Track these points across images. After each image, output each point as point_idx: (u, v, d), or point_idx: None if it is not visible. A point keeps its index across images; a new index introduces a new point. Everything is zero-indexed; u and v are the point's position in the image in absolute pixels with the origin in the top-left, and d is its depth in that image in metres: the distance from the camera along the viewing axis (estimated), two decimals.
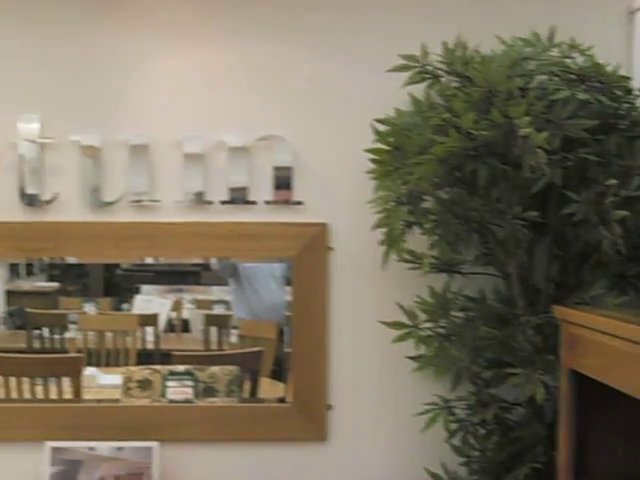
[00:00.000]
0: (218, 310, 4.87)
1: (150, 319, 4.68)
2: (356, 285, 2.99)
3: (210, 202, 2.94)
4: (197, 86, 2.97)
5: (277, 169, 2.95)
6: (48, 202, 2.93)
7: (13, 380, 3.62)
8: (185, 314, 5.15)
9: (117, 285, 5.41)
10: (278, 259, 3.06)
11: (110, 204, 2.94)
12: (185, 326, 5.12)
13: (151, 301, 5.07)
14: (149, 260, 3.13)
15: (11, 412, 3.04)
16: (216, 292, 5.23)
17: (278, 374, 4.23)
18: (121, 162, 2.94)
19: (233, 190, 2.94)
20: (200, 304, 5.15)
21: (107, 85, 2.96)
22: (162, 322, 4.88)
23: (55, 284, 5.44)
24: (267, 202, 2.95)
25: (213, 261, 3.19)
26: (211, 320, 4.72)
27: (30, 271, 5.45)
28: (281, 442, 3.01)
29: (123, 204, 2.94)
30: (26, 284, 5.42)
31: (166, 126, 2.95)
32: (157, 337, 4.64)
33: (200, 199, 2.93)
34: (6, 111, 2.91)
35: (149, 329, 4.62)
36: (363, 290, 2.98)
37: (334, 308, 2.99)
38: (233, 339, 4.54)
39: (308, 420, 2.98)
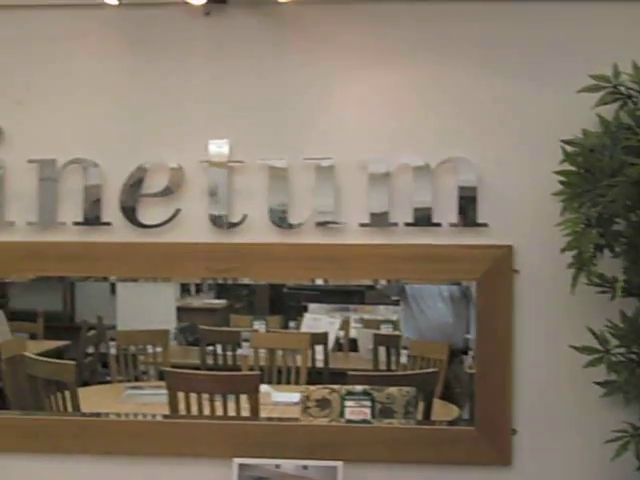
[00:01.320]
0: (385, 330, 4.91)
1: (320, 338, 4.76)
2: (542, 308, 2.94)
3: (395, 224, 2.95)
4: (382, 109, 3.00)
5: (462, 190, 2.94)
6: (236, 224, 3.00)
7: (192, 396, 3.71)
8: (353, 333, 5.21)
9: (283, 303, 5.52)
10: (462, 281, 3.03)
11: (296, 226, 2.98)
12: (353, 345, 5.18)
13: (320, 320, 5.15)
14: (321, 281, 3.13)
15: (199, 428, 3.10)
16: (382, 311, 5.27)
17: (448, 396, 4.21)
18: (307, 184, 2.98)
19: (417, 211, 2.94)
20: (367, 323, 5.20)
21: (293, 109, 3.01)
22: (331, 341, 4.94)
23: (223, 301, 5.61)
24: (452, 224, 2.94)
25: (382, 281, 3.18)
26: (380, 340, 4.75)
27: (199, 289, 5.62)
28: (463, 466, 2.98)
29: (309, 226, 2.98)
30: (196, 301, 5.60)
31: (351, 148, 2.98)
32: (327, 356, 4.71)
33: (385, 221, 2.94)
34: (197, 136, 3.00)
35: (319, 348, 4.70)
36: (549, 313, 2.93)
37: (519, 331, 2.95)
38: (403, 359, 4.56)
39: (492, 444, 2.95)
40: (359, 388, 3.28)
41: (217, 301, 5.55)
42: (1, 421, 3.15)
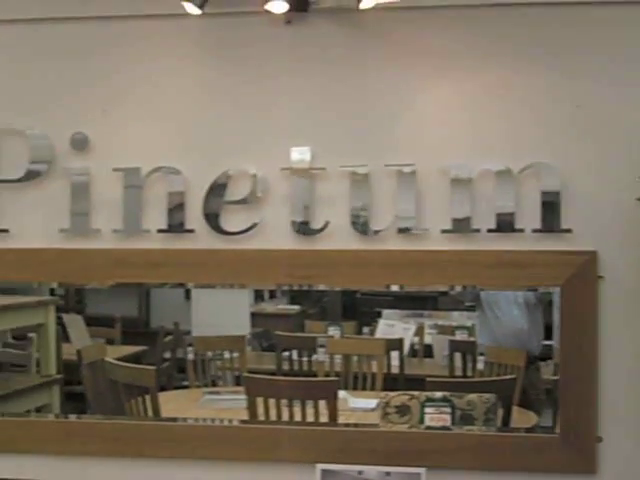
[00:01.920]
0: (460, 336, 4.89)
1: (395, 344, 4.76)
2: (627, 314, 2.90)
3: (477, 230, 2.94)
4: (464, 114, 2.99)
5: (545, 195, 2.91)
6: (319, 230, 3.01)
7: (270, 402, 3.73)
8: (427, 339, 5.20)
9: (356, 309, 5.53)
10: (545, 288, 3.00)
11: (378, 232, 2.98)
12: (427, 351, 5.16)
13: (394, 326, 5.15)
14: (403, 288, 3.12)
15: (279, 433, 3.11)
16: (456, 317, 5.25)
17: (525, 402, 4.18)
18: (389, 190, 2.98)
19: (500, 217, 2.92)
20: (442, 329, 5.19)
21: (375, 115, 3.02)
22: (406, 347, 4.94)
23: (297, 307, 5.64)
24: (534, 230, 2.92)
25: (457, 287, 3.17)
26: (456, 346, 4.74)
27: (273, 294, 5.66)
28: (547, 474, 2.95)
29: (391, 232, 2.98)
30: (270, 307, 5.64)
31: (433, 154, 2.98)
32: (402, 362, 4.71)
33: (467, 227, 2.93)
34: (279, 143, 3.03)
35: (394, 354, 4.70)
36: (635, 319, 2.89)
37: (604, 337, 2.91)
38: (479, 366, 4.53)
39: (576, 452, 2.92)
40: (439, 394, 3.26)
41: (291, 307, 5.58)
42: (85, 425, 3.20)
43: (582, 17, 2.95)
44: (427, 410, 3.23)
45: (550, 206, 2.92)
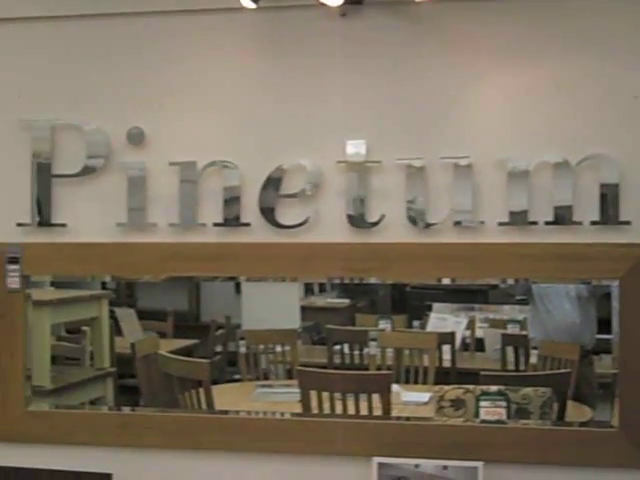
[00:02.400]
0: (512, 329, 4.85)
1: (447, 337, 4.74)
2: None
3: (534, 222, 2.92)
4: (520, 106, 2.97)
5: (603, 187, 2.88)
6: (374, 224, 3.00)
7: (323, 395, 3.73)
8: (478, 333, 5.18)
9: (405, 302, 5.52)
10: (603, 281, 2.96)
11: (434, 225, 2.97)
12: (478, 345, 5.14)
13: (446, 319, 5.13)
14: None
15: (334, 426, 3.11)
16: (507, 311, 5.22)
17: (578, 396, 4.14)
18: (445, 183, 2.97)
19: (558, 209, 2.90)
20: (493, 323, 5.16)
21: (430, 108, 3.01)
22: (458, 341, 4.92)
23: (346, 300, 5.64)
24: (593, 223, 2.89)
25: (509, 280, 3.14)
26: (508, 340, 4.71)
27: (322, 288, 5.66)
28: (606, 468, 2.92)
29: (446, 225, 2.97)
30: (319, 300, 5.64)
31: (489, 146, 2.96)
32: (454, 355, 4.69)
33: (524, 220, 2.91)
34: (334, 137, 3.03)
35: (446, 347, 4.68)
36: None
37: None
38: (533, 359, 4.50)
39: (636, 446, 2.88)
40: (494, 388, 3.25)
41: (340, 300, 5.58)
42: (140, 418, 3.23)
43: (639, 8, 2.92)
44: (482, 404, 3.21)
45: (608, 198, 2.89)
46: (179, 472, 3.16)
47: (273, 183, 3.07)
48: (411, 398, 4.08)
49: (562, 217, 2.91)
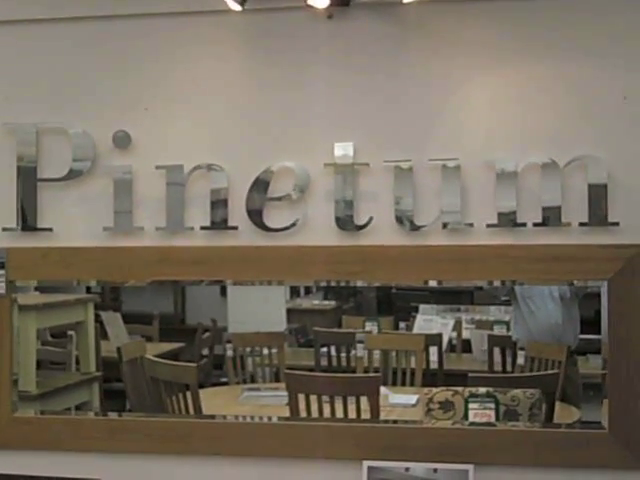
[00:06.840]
0: (499, 330, 4.86)
1: (434, 339, 4.74)
2: None
3: (523, 224, 2.91)
4: (508, 107, 2.96)
5: (592, 188, 2.88)
6: (362, 226, 2.99)
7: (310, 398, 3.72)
8: (465, 334, 5.18)
9: (391, 304, 5.52)
10: (592, 282, 2.96)
11: (422, 227, 2.97)
12: (465, 346, 5.14)
13: (431, 321, 5.13)
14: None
15: (324, 430, 3.11)
16: (492, 312, 5.22)
17: (564, 397, 4.14)
18: (433, 185, 2.96)
19: (546, 211, 2.90)
20: (479, 324, 5.16)
21: (418, 109, 3.00)
22: (445, 342, 4.92)
23: (332, 303, 5.63)
24: (581, 224, 2.89)
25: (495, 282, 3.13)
26: (495, 341, 4.71)
27: (308, 290, 5.65)
28: (596, 469, 2.92)
29: (435, 227, 2.96)
30: (305, 303, 5.63)
31: (477, 148, 2.96)
32: (441, 357, 4.68)
33: (512, 221, 2.91)
34: (322, 139, 3.01)
35: (433, 349, 4.68)
36: None
37: None
38: (520, 360, 4.51)
39: (625, 447, 2.88)
40: (482, 390, 3.25)
41: (326, 302, 5.57)
42: (128, 423, 3.20)
43: (629, 7, 2.91)
44: (471, 406, 3.22)
45: (597, 199, 2.89)
46: (167, 477, 3.14)
47: (260, 186, 3.05)
48: (399, 400, 4.07)
49: (550, 218, 2.91)
